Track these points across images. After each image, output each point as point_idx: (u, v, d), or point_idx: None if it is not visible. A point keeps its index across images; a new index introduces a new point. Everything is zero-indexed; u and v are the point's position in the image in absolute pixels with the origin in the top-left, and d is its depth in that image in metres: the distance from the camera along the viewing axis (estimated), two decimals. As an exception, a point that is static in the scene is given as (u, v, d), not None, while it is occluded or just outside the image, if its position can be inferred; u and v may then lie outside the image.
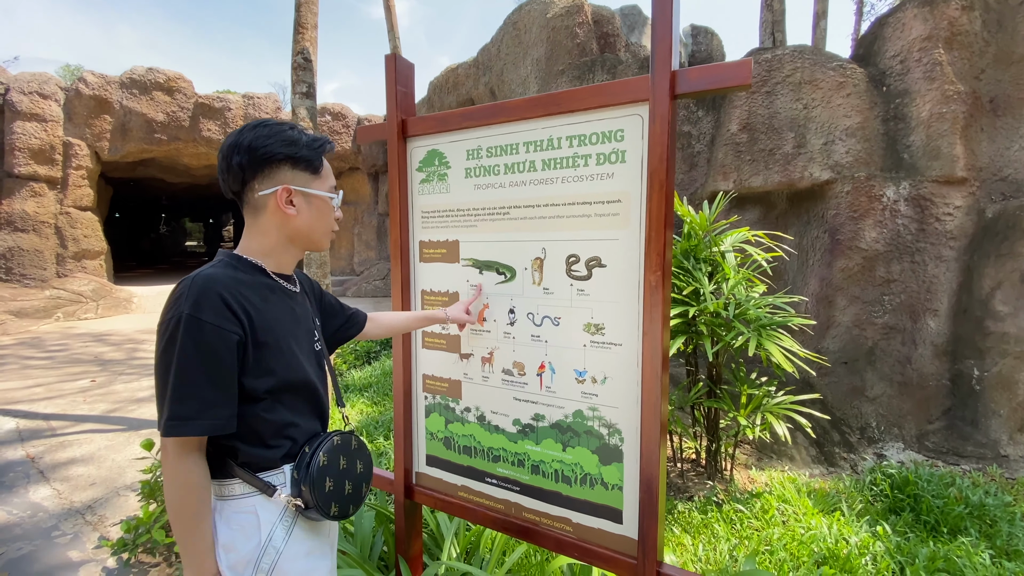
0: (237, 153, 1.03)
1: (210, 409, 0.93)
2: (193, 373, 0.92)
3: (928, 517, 2.68)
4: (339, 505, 1.09)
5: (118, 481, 3.30)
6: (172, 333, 0.93)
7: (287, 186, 1.06)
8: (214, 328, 0.94)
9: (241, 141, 1.04)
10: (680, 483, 3.10)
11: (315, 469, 1.04)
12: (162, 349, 0.94)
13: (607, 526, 1.51)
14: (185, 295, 0.94)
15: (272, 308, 1.06)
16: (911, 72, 4.23)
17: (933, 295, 4.00)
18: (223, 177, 1.07)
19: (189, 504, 0.95)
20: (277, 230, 1.09)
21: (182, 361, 0.92)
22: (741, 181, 4.55)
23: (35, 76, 10.15)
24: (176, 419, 0.91)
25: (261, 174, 1.05)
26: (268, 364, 1.02)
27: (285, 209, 1.06)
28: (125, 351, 7.14)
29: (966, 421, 3.80)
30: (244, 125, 1.07)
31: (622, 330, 1.45)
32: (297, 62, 4.04)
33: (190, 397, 0.92)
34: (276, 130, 1.06)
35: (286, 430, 1.06)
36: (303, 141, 1.08)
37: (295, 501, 1.04)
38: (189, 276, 0.98)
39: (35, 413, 4.53)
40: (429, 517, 2.29)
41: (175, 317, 0.93)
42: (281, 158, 1.05)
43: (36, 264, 9.81)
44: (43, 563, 2.47)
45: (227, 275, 1.00)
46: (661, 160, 1.31)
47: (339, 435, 1.13)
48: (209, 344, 0.93)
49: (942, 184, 4.01)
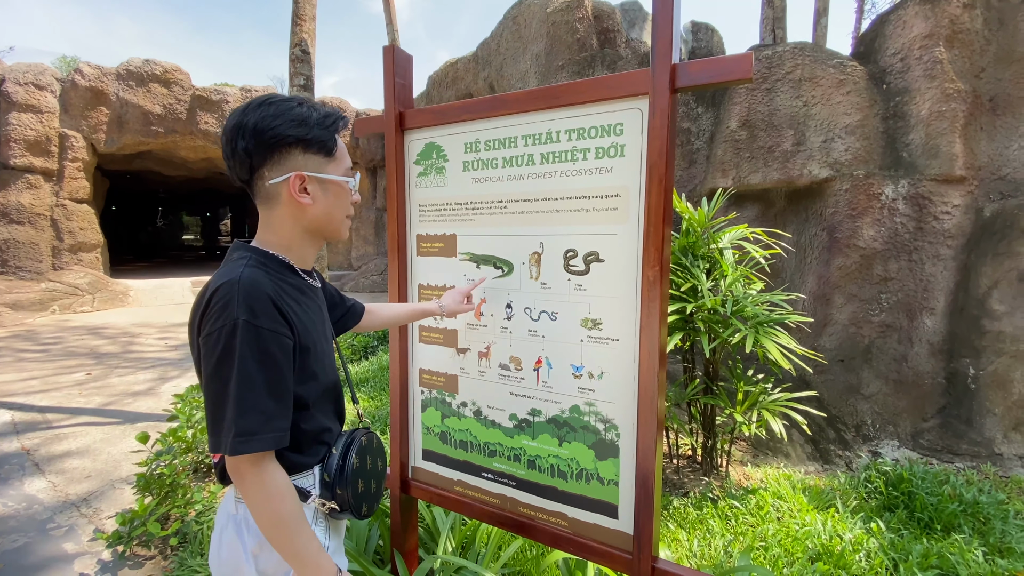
0: (242, 136, 0.92)
1: (272, 421, 0.87)
2: (254, 384, 0.86)
3: (922, 514, 2.70)
4: (368, 505, 1.08)
5: (113, 474, 3.29)
6: (228, 342, 0.85)
7: (300, 172, 0.95)
8: (272, 334, 0.87)
9: (245, 122, 0.92)
10: (676, 479, 3.11)
11: (350, 472, 1.02)
12: (217, 360, 0.86)
13: (603, 521, 1.51)
14: (235, 300, 0.86)
15: (306, 310, 1.00)
16: (911, 70, 4.22)
17: (930, 294, 4.01)
18: (228, 163, 0.97)
19: (288, 511, 0.88)
20: (293, 221, 0.99)
21: (242, 372, 0.85)
22: (740, 178, 4.55)
23: (31, 67, 10.07)
24: (243, 435, 0.84)
25: (270, 160, 0.94)
26: (312, 369, 0.98)
27: (299, 198, 0.96)
28: (121, 344, 7.12)
29: (961, 419, 3.82)
30: (248, 102, 0.95)
31: (620, 325, 1.45)
32: (295, 54, 4.02)
33: (253, 410, 0.85)
34: (284, 108, 0.94)
35: (321, 435, 1.04)
36: (314, 119, 0.96)
37: (331, 504, 1.00)
38: (230, 279, 0.88)
39: (30, 406, 4.51)
40: (425, 511, 2.29)
41: (229, 325, 0.85)
42: (292, 141, 0.94)
43: (32, 256, 9.75)
44: (38, 555, 2.46)
45: (266, 277, 0.92)
46: (660, 154, 1.30)
47: (364, 434, 1.11)
48: (269, 352, 0.87)
49: (941, 183, 4.01)
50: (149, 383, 5.31)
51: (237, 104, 11.96)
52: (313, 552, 0.90)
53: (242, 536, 0.98)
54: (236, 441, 0.84)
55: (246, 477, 0.87)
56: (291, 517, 0.89)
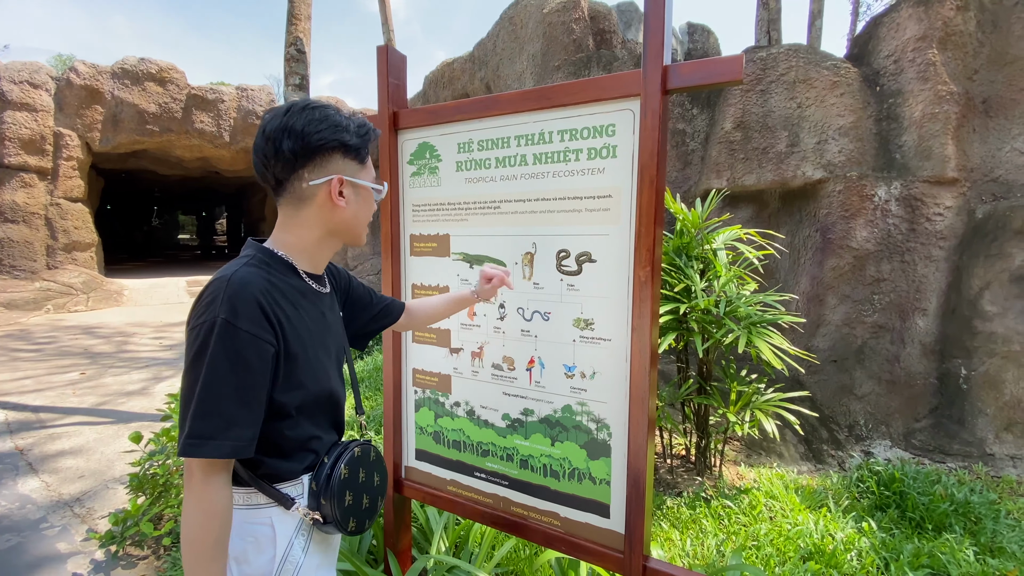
0: (289, 137, 0.94)
1: (232, 429, 0.85)
2: (221, 386, 0.84)
3: (913, 514, 2.72)
4: (356, 520, 1.04)
5: (107, 474, 3.28)
6: (204, 339, 0.84)
7: (341, 176, 0.98)
8: (250, 337, 0.86)
9: (292, 125, 0.94)
10: (669, 479, 3.12)
11: (336, 482, 0.99)
12: (192, 357, 0.85)
13: (595, 520, 1.51)
14: (220, 298, 0.85)
15: (303, 316, 0.99)
16: (905, 72, 4.25)
17: (922, 295, 4.03)
18: (266, 162, 0.97)
19: (210, 533, 0.85)
20: (323, 223, 1.01)
21: (211, 372, 0.84)
22: (734, 179, 4.57)
23: (26, 65, 10.02)
24: (196, 438, 0.82)
25: (312, 162, 0.96)
26: (298, 378, 0.96)
27: (337, 201, 0.99)
28: (115, 344, 7.09)
29: (953, 420, 3.84)
30: (287, 106, 0.97)
31: (611, 325, 1.45)
32: (290, 53, 4.01)
33: (214, 414, 0.83)
34: (328, 114, 0.97)
35: (309, 443, 1.02)
36: (352, 127, 1.00)
37: (314, 515, 0.98)
38: (222, 276, 0.89)
39: (24, 405, 4.49)
40: (419, 511, 2.30)
41: (208, 322, 0.85)
42: (334, 146, 0.97)
43: (26, 256, 9.70)
44: (31, 555, 2.45)
45: (262, 278, 0.92)
46: (652, 156, 1.31)
47: (359, 445, 1.08)
48: (242, 355, 0.85)
49: (933, 184, 4.03)
50: (143, 383, 5.29)
51: (232, 103, 11.94)
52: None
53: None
54: (187, 443, 0.82)
55: (194, 482, 0.85)
56: (212, 543, 0.86)
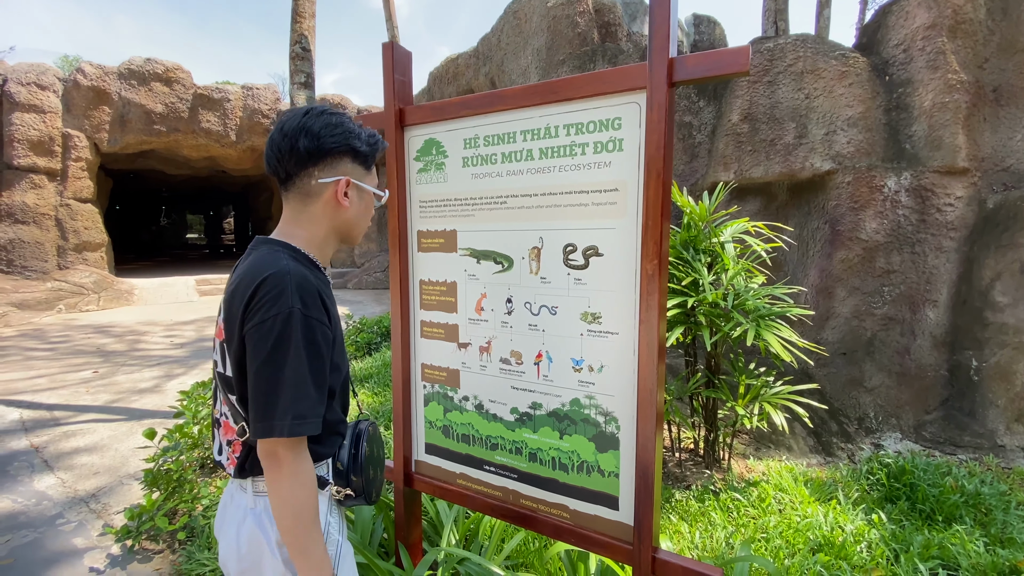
0: (306, 137, 1.02)
1: (318, 407, 0.93)
2: (306, 371, 0.91)
3: (924, 506, 2.71)
4: (376, 491, 1.15)
5: (121, 470, 3.33)
6: (283, 330, 0.90)
7: (349, 178, 1.07)
8: (320, 325, 0.95)
9: (310, 126, 1.02)
10: (678, 472, 3.12)
11: (363, 459, 1.09)
12: (272, 346, 0.90)
13: (604, 512, 1.52)
14: (289, 290, 0.92)
15: (333, 304, 1.07)
16: (914, 61, 4.19)
17: (933, 286, 4.00)
18: (280, 157, 1.04)
19: (312, 505, 0.92)
20: (328, 221, 1.09)
21: (297, 358, 0.90)
22: (742, 172, 4.54)
23: (33, 67, 10.11)
24: (300, 418, 0.89)
25: (323, 162, 1.05)
26: (336, 361, 1.04)
27: (341, 200, 1.07)
28: (127, 342, 7.17)
29: (964, 411, 3.81)
30: (307, 108, 1.06)
31: (619, 319, 1.46)
32: (295, 51, 4.02)
33: (306, 396, 0.91)
34: (343, 120, 1.06)
35: (337, 426, 1.10)
36: (363, 136, 1.09)
37: (346, 491, 1.07)
38: (278, 270, 0.94)
39: (39, 403, 4.56)
40: (429, 505, 2.32)
41: (285, 313, 0.90)
42: (346, 149, 1.06)
43: (37, 256, 9.83)
44: (49, 550, 2.50)
45: (308, 272, 0.99)
46: (658, 149, 1.31)
47: (368, 424, 1.17)
48: (317, 342, 0.94)
49: (943, 174, 3.99)
50: (155, 380, 5.36)
51: (238, 102, 12.00)
52: (321, 551, 0.93)
53: (264, 528, 1.00)
54: (294, 423, 0.88)
55: (283, 462, 0.90)
56: (313, 509, 0.93)
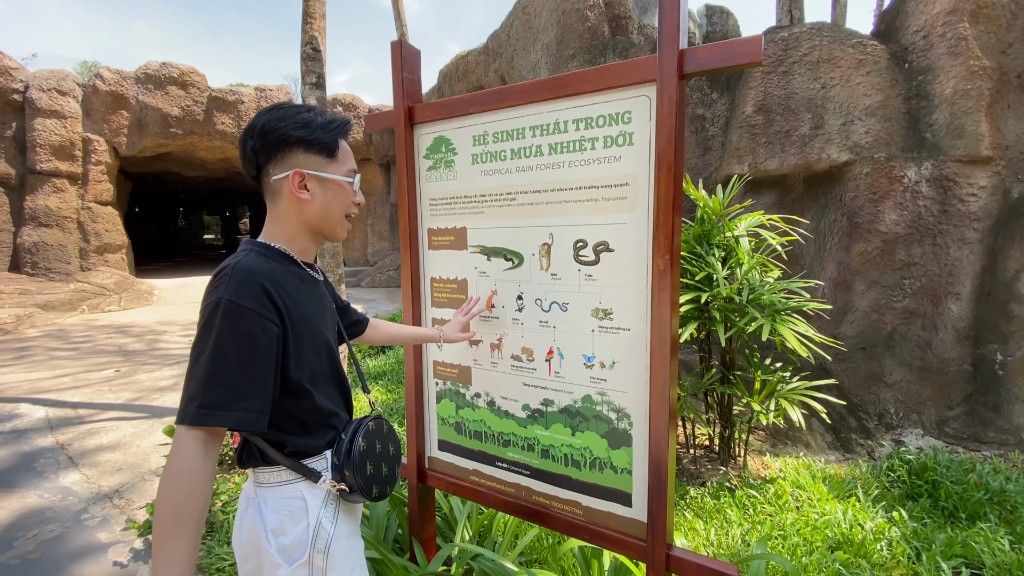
0: (251, 137, 1.03)
1: (242, 401, 0.88)
2: (229, 360, 0.87)
3: (946, 503, 2.65)
4: (379, 487, 1.12)
5: (143, 466, 3.41)
6: (209, 318, 0.89)
7: (299, 170, 1.03)
8: (255, 315, 0.90)
9: (255, 125, 1.03)
10: (693, 469, 3.10)
11: (357, 454, 1.07)
12: (198, 335, 0.90)
13: (617, 509, 1.52)
14: (226, 282, 0.91)
15: (304, 297, 1.05)
16: (934, 48, 4.08)
17: (955, 278, 3.90)
18: (243, 162, 1.07)
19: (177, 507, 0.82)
20: (295, 216, 1.07)
21: (218, 347, 0.87)
22: (756, 164, 4.46)
23: (53, 73, 10.33)
24: (207, 407, 0.85)
25: (274, 158, 1.03)
26: (307, 354, 1.02)
27: (298, 194, 1.04)
28: (147, 342, 7.32)
29: (988, 407, 3.72)
30: (261, 109, 1.06)
31: (630, 315, 1.44)
32: (306, 52, 4.05)
33: (223, 386, 0.87)
34: (290, 113, 1.04)
35: (328, 420, 1.09)
36: (318, 123, 1.05)
37: (340, 486, 1.06)
38: (228, 264, 0.94)
39: (63, 402, 4.68)
40: (443, 501, 2.33)
41: (214, 302, 0.90)
42: (293, 141, 1.03)
43: (60, 258, 10.06)
44: (74, 544, 2.56)
45: (263, 265, 0.97)
46: (669, 142, 1.29)
47: (372, 420, 1.16)
48: (248, 331, 0.90)
49: (966, 164, 3.88)
50: (174, 379, 5.46)
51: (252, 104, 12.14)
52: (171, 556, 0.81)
53: (261, 517, 1.03)
54: (199, 412, 0.84)
55: (177, 452, 0.84)
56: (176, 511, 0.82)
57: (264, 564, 1.02)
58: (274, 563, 1.00)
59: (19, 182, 9.96)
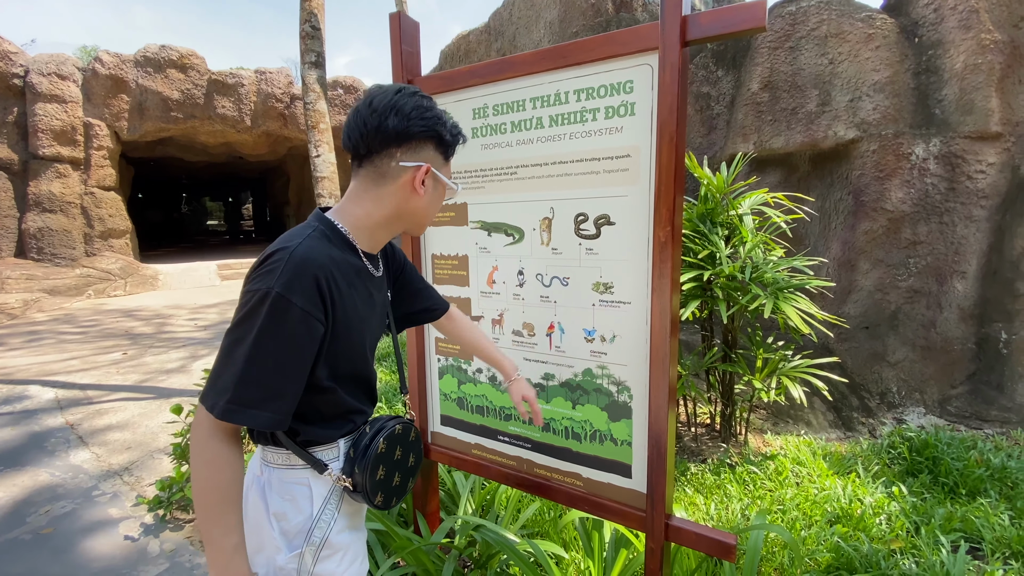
0: (396, 115, 0.95)
1: (274, 401, 0.86)
2: (268, 359, 0.84)
3: (946, 479, 2.66)
4: (384, 495, 1.05)
5: (152, 445, 3.46)
6: (255, 307, 0.84)
7: (429, 165, 1.00)
8: (302, 314, 0.86)
9: (402, 105, 0.96)
10: (694, 447, 3.12)
11: (372, 454, 1.01)
12: (238, 320, 0.85)
13: (617, 480, 1.53)
14: (280, 269, 0.85)
15: (354, 294, 0.99)
16: (945, 21, 3.99)
17: (961, 257, 3.86)
18: (364, 132, 0.97)
19: (218, 491, 0.86)
20: (396, 204, 1.01)
21: (259, 343, 0.84)
22: (762, 142, 4.41)
23: (53, 57, 10.25)
24: (237, 403, 0.83)
25: (408, 144, 0.98)
26: (340, 357, 0.98)
27: (418, 187, 1.00)
28: (154, 325, 7.38)
29: (991, 385, 3.72)
30: (398, 87, 0.99)
31: (631, 288, 1.44)
32: (305, 31, 4.00)
33: (258, 384, 0.84)
34: (431, 104, 1.01)
35: (349, 415, 1.05)
36: (449, 124, 1.03)
37: (345, 481, 1.01)
38: (286, 247, 0.89)
39: (72, 383, 4.74)
40: (446, 476, 2.36)
41: (263, 290, 0.84)
42: (432, 135, 1.00)
43: (65, 244, 10.11)
44: (85, 520, 2.62)
45: (322, 251, 0.92)
46: (671, 111, 1.27)
47: (401, 423, 1.10)
48: (293, 331, 0.86)
49: (975, 140, 3.82)
50: (181, 361, 5.52)
51: (252, 87, 12.02)
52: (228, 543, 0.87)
53: (264, 498, 1.02)
54: (228, 407, 0.83)
55: (203, 437, 0.87)
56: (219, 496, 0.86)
57: (266, 544, 1.01)
58: (275, 546, 1.00)
59: (22, 168, 9.96)
